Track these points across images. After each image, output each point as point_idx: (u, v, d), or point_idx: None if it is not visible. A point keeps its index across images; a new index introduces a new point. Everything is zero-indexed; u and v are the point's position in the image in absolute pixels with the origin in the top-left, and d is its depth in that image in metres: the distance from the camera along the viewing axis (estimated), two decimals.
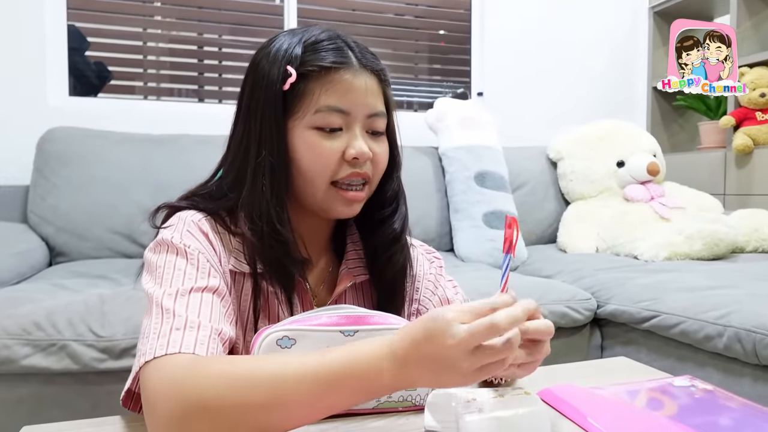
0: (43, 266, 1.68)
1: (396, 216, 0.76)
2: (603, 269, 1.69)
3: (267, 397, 0.51)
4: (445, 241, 2.09)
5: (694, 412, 0.63)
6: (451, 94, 2.69)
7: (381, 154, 0.72)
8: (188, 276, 0.61)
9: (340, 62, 0.67)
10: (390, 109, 0.74)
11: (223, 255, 0.68)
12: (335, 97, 0.67)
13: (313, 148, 0.67)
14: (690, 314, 1.27)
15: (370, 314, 0.61)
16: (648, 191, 2.10)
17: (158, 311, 0.57)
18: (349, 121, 0.68)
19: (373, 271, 0.77)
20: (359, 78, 0.68)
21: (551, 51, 2.69)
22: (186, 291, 0.59)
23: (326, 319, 0.59)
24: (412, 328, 0.51)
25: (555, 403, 0.66)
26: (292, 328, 0.57)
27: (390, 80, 0.74)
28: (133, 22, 2.24)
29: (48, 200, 1.75)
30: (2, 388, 1.11)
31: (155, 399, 0.52)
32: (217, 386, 0.51)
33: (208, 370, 0.52)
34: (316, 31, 0.71)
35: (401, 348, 0.50)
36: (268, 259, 0.68)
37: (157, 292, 0.59)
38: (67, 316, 1.14)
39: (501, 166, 2.13)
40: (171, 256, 0.63)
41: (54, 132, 1.84)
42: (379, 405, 0.62)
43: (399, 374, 0.51)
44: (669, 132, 2.78)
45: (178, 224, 0.67)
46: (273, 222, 0.67)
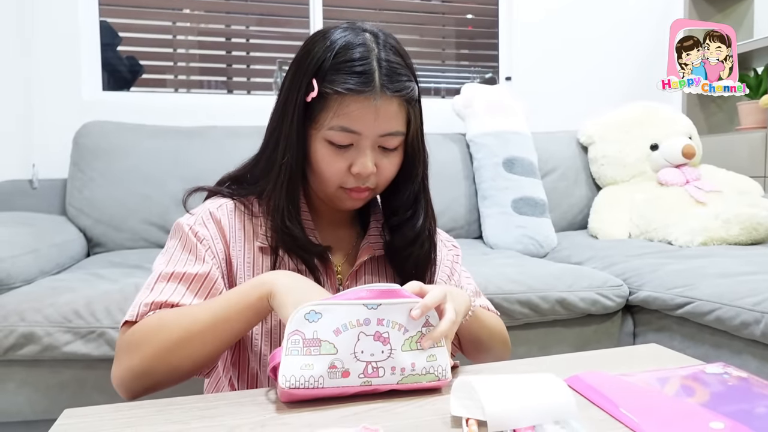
0: (81, 257, 1.74)
1: (415, 219, 0.80)
2: (635, 255, 1.66)
3: (182, 333, 0.66)
4: (473, 228, 2.08)
5: (727, 400, 0.62)
6: (478, 80, 2.65)
7: (387, 167, 0.76)
8: (183, 262, 0.73)
9: (358, 90, 0.70)
10: (413, 127, 0.76)
11: (239, 239, 0.77)
12: (348, 120, 0.71)
13: (324, 159, 0.74)
14: (726, 300, 1.23)
15: (393, 289, 0.63)
16: (683, 175, 2.04)
17: (149, 284, 0.72)
18: (360, 140, 0.73)
19: (395, 265, 0.82)
20: (376, 103, 0.71)
21: (581, 33, 2.62)
22: (178, 276, 0.72)
23: (351, 294, 0.62)
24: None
25: (584, 390, 0.65)
26: (319, 302, 0.60)
27: (417, 96, 0.76)
28: (162, 16, 2.28)
29: (84, 193, 1.81)
30: (46, 373, 1.16)
31: (117, 352, 0.70)
32: (150, 336, 0.67)
33: (141, 334, 0.68)
34: (355, 42, 0.72)
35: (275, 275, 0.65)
36: (285, 246, 0.76)
37: (157, 267, 0.73)
38: (104, 304, 1.18)
39: (530, 152, 2.10)
40: (177, 242, 0.76)
41: (89, 126, 1.89)
42: (404, 379, 0.62)
43: (274, 295, 0.64)
44: (706, 113, 2.69)
45: (197, 213, 0.77)
46: (284, 218, 0.74)
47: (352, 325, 0.60)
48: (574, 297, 1.41)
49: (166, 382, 0.68)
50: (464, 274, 0.92)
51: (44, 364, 1.16)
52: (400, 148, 0.77)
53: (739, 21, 2.67)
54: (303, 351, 0.59)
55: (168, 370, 0.67)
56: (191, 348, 0.66)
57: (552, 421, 0.54)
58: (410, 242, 0.80)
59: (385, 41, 0.74)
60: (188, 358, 0.67)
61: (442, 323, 0.63)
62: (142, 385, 0.67)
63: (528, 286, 1.40)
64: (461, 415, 0.57)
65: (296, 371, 0.58)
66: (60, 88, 2.04)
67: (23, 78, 1.99)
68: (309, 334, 0.59)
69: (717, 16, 2.67)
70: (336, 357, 0.59)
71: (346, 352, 0.60)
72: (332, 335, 0.60)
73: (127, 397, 0.68)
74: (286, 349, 0.59)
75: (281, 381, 0.58)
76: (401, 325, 0.62)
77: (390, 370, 0.62)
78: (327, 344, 0.59)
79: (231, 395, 0.66)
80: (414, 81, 0.75)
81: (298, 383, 0.58)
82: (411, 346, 0.63)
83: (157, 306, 0.69)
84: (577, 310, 1.42)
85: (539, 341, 1.43)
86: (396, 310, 0.62)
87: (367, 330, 0.61)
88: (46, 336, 1.13)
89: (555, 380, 0.58)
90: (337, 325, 0.60)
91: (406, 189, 0.80)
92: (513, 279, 1.42)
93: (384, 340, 0.61)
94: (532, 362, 0.79)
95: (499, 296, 1.36)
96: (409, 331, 0.62)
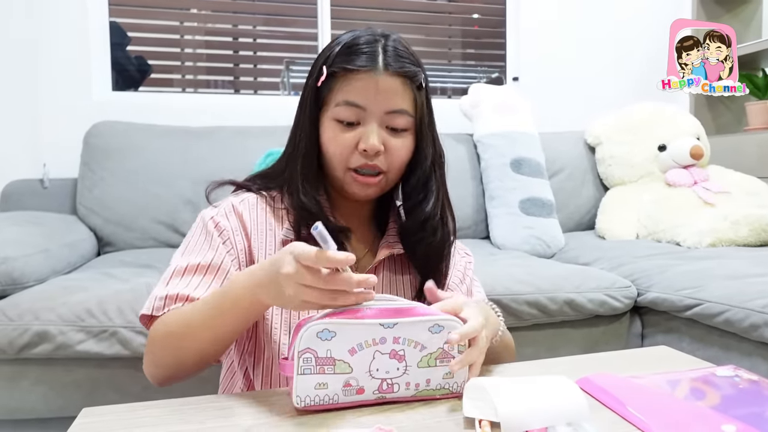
0: (92, 256, 1.75)
1: (425, 203, 0.81)
2: (643, 256, 1.66)
3: (183, 328, 0.69)
4: (480, 229, 2.08)
5: (738, 403, 0.62)
6: (485, 80, 2.65)
7: (397, 149, 0.77)
8: (197, 253, 0.76)
9: (362, 66, 0.74)
10: (420, 111, 0.78)
11: (261, 232, 0.79)
12: (353, 93, 0.74)
13: (332, 138, 0.76)
14: (735, 302, 1.23)
15: (410, 306, 0.62)
16: (691, 175, 2.04)
17: (165, 278, 0.75)
18: (366, 116, 0.75)
19: (407, 248, 0.83)
20: (379, 78, 0.74)
21: (589, 33, 2.61)
22: (192, 269, 0.74)
23: (368, 311, 0.60)
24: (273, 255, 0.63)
25: (593, 391, 0.66)
26: (332, 321, 0.58)
27: (422, 83, 0.78)
28: (170, 15, 2.29)
29: (95, 192, 1.82)
30: (60, 371, 1.18)
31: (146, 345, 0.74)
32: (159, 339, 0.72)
33: (157, 330, 0.72)
34: (363, 34, 0.77)
35: (259, 268, 0.64)
36: (303, 223, 0.77)
37: (174, 260, 0.77)
38: (116, 304, 1.19)
39: (537, 152, 2.10)
40: (195, 231, 0.79)
41: (99, 126, 1.90)
42: (418, 393, 0.63)
43: (255, 293, 0.64)
44: (714, 113, 2.68)
45: (220, 206, 0.80)
46: (300, 195, 0.77)
47: (368, 344, 0.59)
48: (582, 298, 1.41)
49: (180, 374, 0.73)
50: (476, 282, 0.92)
51: (58, 363, 1.17)
52: (410, 132, 0.78)
53: (747, 21, 2.66)
54: (316, 369, 0.58)
55: (176, 363, 0.72)
56: (194, 347, 0.71)
57: (564, 423, 0.55)
58: (420, 225, 0.80)
59: (394, 38, 0.78)
60: (195, 354, 0.71)
61: (474, 351, 0.64)
62: (163, 375, 0.74)
63: (536, 287, 1.40)
64: (474, 416, 0.58)
65: (310, 391, 0.58)
66: (70, 88, 2.05)
67: (34, 78, 2.01)
68: (322, 352, 0.58)
69: (725, 16, 2.66)
70: (351, 376, 0.59)
71: (362, 371, 0.60)
72: (347, 355, 0.59)
73: (156, 384, 0.75)
74: (299, 368, 0.58)
75: (295, 401, 0.58)
76: (418, 342, 0.61)
77: (405, 385, 0.62)
78: (342, 363, 0.59)
79: (246, 395, 0.67)
80: (419, 68, 0.78)
81: (312, 402, 0.59)
82: (429, 363, 0.62)
83: (171, 299, 0.73)
84: (585, 311, 1.42)
85: (547, 342, 1.43)
86: (413, 328, 0.61)
87: (382, 349, 0.60)
88: (60, 335, 1.14)
89: (567, 382, 0.59)
90: (352, 344, 0.59)
91: (415, 173, 0.81)
92: (521, 279, 1.42)
93: (400, 358, 0.61)
94: (541, 364, 0.79)
95: (507, 297, 1.37)
96: (427, 348, 0.62)
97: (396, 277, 0.84)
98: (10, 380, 1.17)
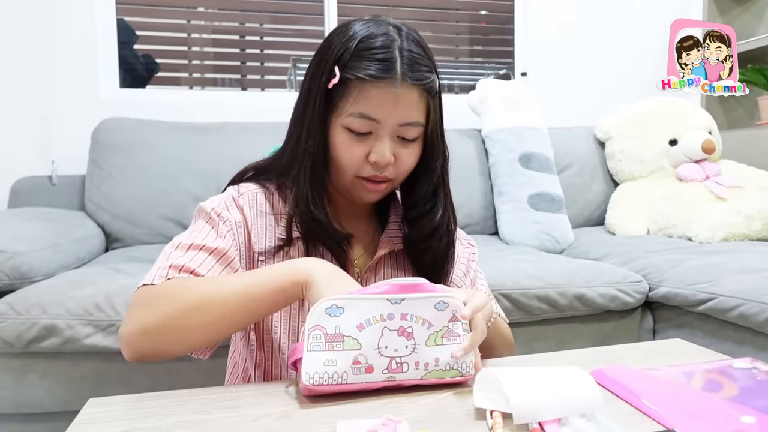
0: (100, 251, 1.75)
1: (433, 212, 0.79)
2: (655, 251, 1.64)
3: (203, 298, 0.64)
4: (489, 224, 2.06)
5: (756, 395, 0.61)
6: (493, 75, 2.63)
7: (406, 158, 0.75)
8: (203, 236, 0.73)
9: (379, 77, 0.70)
10: (432, 119, 0.76)
11: (260, 227, 0.77)
12: (368, 107, 0.71)
13: (343, 147, 0.73)
14: (750, 296, 1.21)
15: (418, 282, 0.62)
16: (703, 170, 2.01)
17: (166, 252, 0.72)
18: (378, 128, 0.72)
19: (414, 257, 0.82)
20: (397, 91, 0.71)
21: (598, 27, 2.59)
22: (197, 246, 0.71)
23: (375, 288, 0.61)
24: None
25: (607, 383, 0.64)
26: (340, 297, 0.59)
27: (437, 89, 0.76)
28: (177, 14, 2.29)
29: (103, 188, 1.83)
30: (68, 365, 1.18)
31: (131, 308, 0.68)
32: (171, 294, 0.65)
33: (167, 285, 0.67)
34: (377, 32, 0.72)
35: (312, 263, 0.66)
36: (311, 233, 0.76)
37: (176, 239, 0.74)
38: (124, 298, 1.19)
39: (546, 148, 2.08)
40: (198, 220, 0.77)
41: (107, 123, 1.91)
42: (428, 374, 0.62)
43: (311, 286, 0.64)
44: (725, 107, 2.65)
45: (220, 198, 0.78)
46: (309, 204, 0.74)
47: (376, 320, 0.59)
48: (592, 293, 1.40)
49: (172, 348, 0.66)
50: (479, 274, 0.91)
51: (65, 357, 1.17)
52: (419, 140, 0.76)
53: (759, 15, 2.63)
54: (325, 346, 0.58)
55: (178, 334, 0.64)
56: (209, 316, 0.64)
57: (578, 415, 0.54)
58: (428, 235, 0.79)
59: (407, 33, 0.74)
60: (202, 326, 0.64)
61: (474, 335, 0.63)
62: (150, 345, 0.65)
63: (546, 282, 1.39)
64: (485, 407, 0.56)
65: (319, 368, 0.58)
66: (78, 85, 2.06)
67: (42, 76, 2.02)
68: (331, 329, 0.58)
69: (737, 10, 2.63)
70: (360, 352, 0.59)
71: (370, 348, 0.59)
72: (355, 330, 0.59)
73: (131, 357, 0.66)
74: (308, 345, 0.58)
75: (304, 378, 0.58)
76: (425, 319, 0.61)
77: (414, 365, 0.61)
78: (350, 340, 0.59)
79: (253, 386, 0.66)
80: (435, 73, 0.76)
81: (321, 380, 0.58)
82: (436, 341, 0.62)
83: (175, 269, 0.68)
84: (596, 306, 1.40)
85: (557, 337, 1.41)
86: (420, 304, 0.61)
87: (390, 325, 0.60)
88: (68, 329, 1.14)
89: (581, 373, 0.58)
90: (360, 320, 0.59)
91: (424, 182, 0.79)
92: (530, 274, 1.41)
93: (408, 335, 0.61)
94: (554, 356, 0.78)
95: (516, 291, 1.35)
96: (434, 326, 0.62)
97: (397, 273, 0.83)
98: (17, 374, 1.17)
